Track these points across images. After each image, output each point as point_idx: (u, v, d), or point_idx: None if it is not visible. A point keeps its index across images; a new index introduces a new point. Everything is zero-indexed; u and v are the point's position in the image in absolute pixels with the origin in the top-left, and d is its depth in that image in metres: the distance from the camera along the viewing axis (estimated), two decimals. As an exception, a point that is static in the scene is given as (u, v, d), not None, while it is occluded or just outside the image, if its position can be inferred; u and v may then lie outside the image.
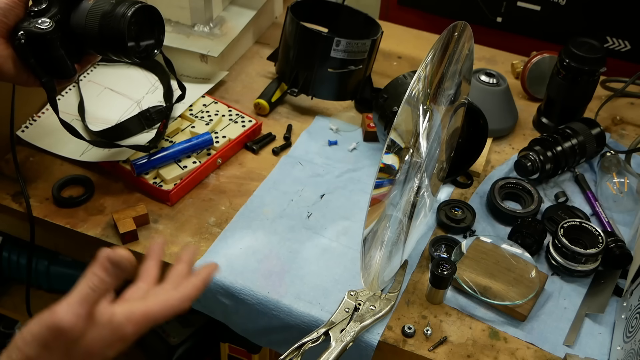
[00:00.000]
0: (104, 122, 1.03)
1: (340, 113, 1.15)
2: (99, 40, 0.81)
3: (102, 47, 0.82)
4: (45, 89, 0.82)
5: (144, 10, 0.82)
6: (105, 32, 0.80)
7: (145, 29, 0.84)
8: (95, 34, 0.81)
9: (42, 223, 0.93)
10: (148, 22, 0.84)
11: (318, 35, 1.06)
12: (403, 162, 0.73)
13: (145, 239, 0.91)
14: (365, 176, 1.02)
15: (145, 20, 0.84)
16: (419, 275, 0.88)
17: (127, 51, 0.82)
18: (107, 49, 0.83)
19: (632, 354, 0.74)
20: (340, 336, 0.77)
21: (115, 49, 0.82)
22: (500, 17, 1.37)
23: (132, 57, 0.83)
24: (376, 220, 0.73)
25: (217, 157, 1.01)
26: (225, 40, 1.17)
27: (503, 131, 1.12)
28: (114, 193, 0.97)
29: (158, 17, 0.85)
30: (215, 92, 1.16)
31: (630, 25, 1.28)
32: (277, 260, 0.88)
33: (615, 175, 1.00)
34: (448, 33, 0.75)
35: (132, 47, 0.83)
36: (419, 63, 1.21)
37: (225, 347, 1.14)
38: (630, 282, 0.84)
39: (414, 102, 0.73)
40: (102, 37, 0.81)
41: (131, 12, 0.80)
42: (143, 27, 0.84)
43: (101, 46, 0.82)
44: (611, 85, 1.22)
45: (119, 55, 0.83)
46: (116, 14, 0.80)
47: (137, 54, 0.84)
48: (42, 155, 1.02)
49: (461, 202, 0.97)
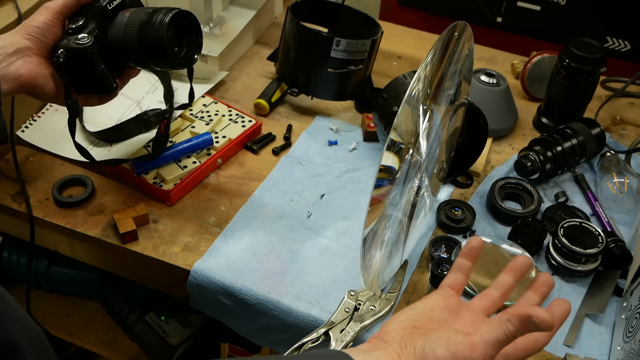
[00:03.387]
0: (103, 122, 1.03)
1: (340, 113, 1.15)
2: (140, 51, 0.80)
3: (143, 57, 0.81)
4: (70, 110, 0.81)
5: (181, 15, 0.81)
6: (144, 41, 0.79)
7: (181, 35, 0.83)
8: (135, 45, 0.80)
9: (42, 223, 0.93)
10: (184, 27, 0.83)
11: (318, 35, 1.06)
12: (403, 162, 0.73)
13: (145, 239, 0.91)
14: (365, 176, 1.02)
15: (182, 26, 0.83)
16: (419, 275, 0.88)
17: (168, 59, 0.81)
18: (148, 58, 0.82)
19: (632, 354, 0.74)
20: (340, 336, 0.77)
21: (156, 58, 0.81)
22: (500, 17, 1.37)
23: (174, 65, 0.82)
24: (376, 220, 0.73)
25: (217, 157, 1.01)
26: (225, 40, 1.17)
27: (503, 131, 1.12)
28: (114, 193, 0.97)
29: (194, 21, 0.84)
30: (215, 92, 1.16)
31: (630, 25, 1.28)
32: (277, 260, 0.88)
33: (615, 175, 1.00)
34: (448, 33, 0.75)
35: (174, 54, 0.82)
36: (419, 63, 1.21)
37: (225, 347, 1.14)
38: (630, 282, 0.84)
39: (414, 102, 0.73)
40: (142, 47, 0.80)
41: (169, 19, 0.79)
42: (180, 33, 0.83)
43: (142, 56, 0.81)
44: (611, 85, 1.22)
45: (160, 63, 0.82)
46: (154, 22, 0.79)
47: (178, 60, 0.83)
48: (42, 155, 1.02)
49: (461, 202, 0.97)
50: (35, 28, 0.77)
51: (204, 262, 0.87)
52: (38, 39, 0.77)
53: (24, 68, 0.75)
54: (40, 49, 0.78)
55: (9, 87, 0.75)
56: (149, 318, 1.18)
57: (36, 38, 0.77)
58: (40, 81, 0.77)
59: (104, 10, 0.80)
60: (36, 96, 0.79)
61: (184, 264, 0.87)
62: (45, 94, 0.79)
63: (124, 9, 0.82)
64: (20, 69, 0.75)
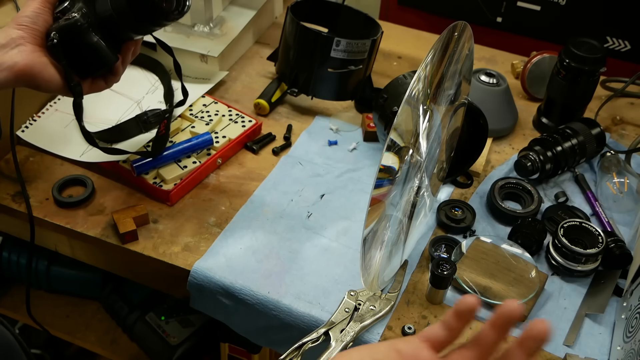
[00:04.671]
0: (103, 122, 1.03)
1: (340, 113, 1.15)
2: (131, 14, 0.78)
3: (136, 18, 0.79)
4: (73, 92, 0.80)
5: None
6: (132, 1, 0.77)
7: None
8: (125, 8, 0.78)
9: (42, 223, 0.93)
10: None
11: (318, 35, 1.06)
12: (403, 162, 0.73)
13: (145, 239, 0.91)
14: (365, 176, 1.02)
15: None
16: (419, 275, 0.88)
17: (162, 10, 0.78)
18: (142, 18, 0.79)
19: (632, 354, 0.74)
20: (340, 336, 0.77)
21: (150, 14, 0.79)
22: (500, 17, 1.37)
23: (169, 16, 0.80)
24: (376, 220, 0.73)
25: (217, 157, 1.01)
26: (225, 40, 1.17)
27: (503, 131, 1.12)
28: (114, 193, 0.97)
29: None
30: (215, 92, 1.16)
31: (630, 25, 1.27)
32: (277, 260, 0.88)
33: (615, 175, 1.00)
34: (448, 33, 0.75)
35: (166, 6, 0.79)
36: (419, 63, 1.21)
37: (225, 347, 1.14)
38: (630, 282, 0.84)
39: (414, 102, 0.73)
40: (132, 8, 0.78)
41: None
42: None
43: (135, 18, 0.79)
44: (611, 85, 1.22)
45: (158, 20, 0.80)
46: None
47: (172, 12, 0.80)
48: (42, 155, 1.02)
49: (461, 202, 0.97)
50: (26, 17, 0.77)
51: (204, 262, 0.87)
52: (30, 27, 0.77)
53: (19, 56, 0.75)
54: (34, 37, 0.77)
55: (5, 77, 0.74)
56: (149, 318, 1.18)
57: (28, 27, 0.77)
58: (37, 68, 0.76)
59: None
60: (36, 87, 0.78)
61: (184, 264, 0.87)
62: (45, 82, 0.78)
63: None
64: (14, 57, 0.75)
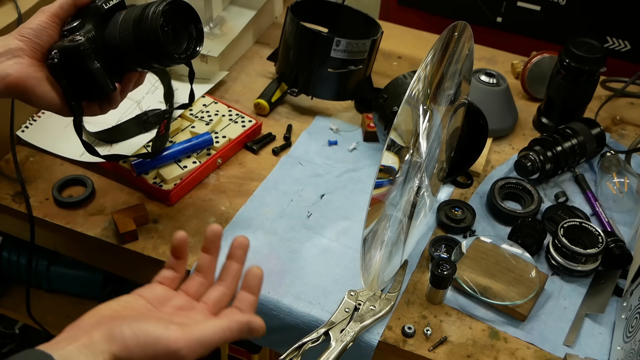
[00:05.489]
0: (103, 122, 1.03)
1: (340, 113, 1.15)
2: (135, 48, 0.77)
3: (140, 54, 0.78)
4: (73, 112, 0.78)
5: (175, 5, 0.77)
6: (139, 36, 0.76)
7: (180, 29, 0.80)
8: (131, 42, 0.77)
9: (42, 223, 0.93)
10: (182, 19, 0.80)
11: (318, 35, 1.06)
12: (403, 162, 0.73)
13: (145, 239, 0.91)
14: (365, 176, 1.02)
15: (180, 19, 0.79)
16: (419, 275, 0.88)
17: (165, 52, 0.77)
18: (146, 55, 0.78)
19: (632, 354, 0.74)
20: (340, 336, 0.77)
21: (153, 53, 0.77)
22: (500, 17, 1.37)
23: (174, 59, 0.79)
24: (376, 220, 0.73)
25: (217, 157, 1.01)
26: (225, 40, 1.17)
27: (503, 131, 1.12)
28: (114, 193, 0.97)
29: (191, 11, 0.80)
30: (215, 92, 1.16)
31: (630, 25, 1.28)
32: (277, 260, 0.88)
33: (615, 175, 1.00)
34: (448, 33, 0.75)
35: (172, 49, 0.78)
36: (419, 63, 1.21)
37: (225, 347, 1.14)
38: (630, 282, 0.84)
39: (414, 102, 0.73)
40: (138, 43, 0.76)
41: (161, 8, 0.75)
42: (178, 26, 0.79)
43: (139, 53, 0.77)
44: (611, 85, 1.22)
45: (159, 59, 0.78)
46: (147, 15, 0.76)
47: (179, 55, 0.79)
48: (42, 155, 1.02)
49: (461, 202, 0.97)
50: (30, 30, 0.75)
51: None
52: (31, 40, 0.74)
53: (13, 68, 0.73)
54: (34, 50, 0.75)
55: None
56: (149, 318, 1.18)
57: (29, 39, 0.74)
58: (30, 83, 0.74)
59: (99, 10, 0.77)
60: (27, 100, 0.76)
61: (184, 264, 0.87)
62: (37, 98, 0.75)
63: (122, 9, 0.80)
64: (8, 69, 0.72)
